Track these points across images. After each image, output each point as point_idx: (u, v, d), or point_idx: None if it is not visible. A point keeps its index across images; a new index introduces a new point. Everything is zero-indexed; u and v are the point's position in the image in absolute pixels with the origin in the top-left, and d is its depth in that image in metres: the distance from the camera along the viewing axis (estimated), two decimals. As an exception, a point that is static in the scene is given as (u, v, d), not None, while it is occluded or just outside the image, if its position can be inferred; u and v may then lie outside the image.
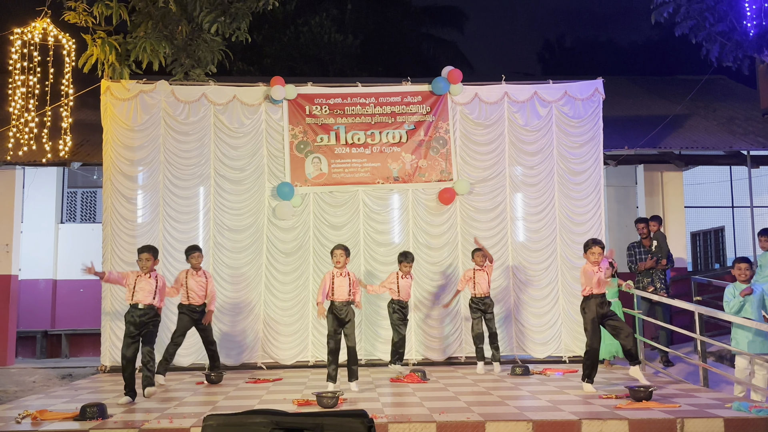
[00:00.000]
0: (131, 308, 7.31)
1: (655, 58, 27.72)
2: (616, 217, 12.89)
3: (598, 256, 7.39)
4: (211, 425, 3.05)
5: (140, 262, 7.44)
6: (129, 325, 7.27)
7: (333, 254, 8.02)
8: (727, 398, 6.83)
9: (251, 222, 10.19)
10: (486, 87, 10.56)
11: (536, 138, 10.47)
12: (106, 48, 9.77)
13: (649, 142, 11.62)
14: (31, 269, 12.67)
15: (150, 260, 7.44)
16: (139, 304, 7.27)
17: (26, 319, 12.64)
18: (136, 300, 7.28)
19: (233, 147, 10.26)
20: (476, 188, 10.37)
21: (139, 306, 7.27)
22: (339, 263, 7.91)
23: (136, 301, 7.28)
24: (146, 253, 7.46)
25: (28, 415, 6.26)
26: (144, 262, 7.42)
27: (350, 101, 10.44)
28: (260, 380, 8.61)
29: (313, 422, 2.95)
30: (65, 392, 8.10)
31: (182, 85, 10.31)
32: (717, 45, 10.24)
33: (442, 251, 10.30)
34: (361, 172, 10.31)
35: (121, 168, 10.05)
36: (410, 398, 7.09)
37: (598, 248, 7.41)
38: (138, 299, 7.28)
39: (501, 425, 5.79)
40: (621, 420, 5.82)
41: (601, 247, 7.43)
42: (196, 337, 9.87)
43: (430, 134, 10.39)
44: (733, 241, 14.02)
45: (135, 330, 7.24)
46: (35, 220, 12.88)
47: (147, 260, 7.42)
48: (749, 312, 7.22)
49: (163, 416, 6.21)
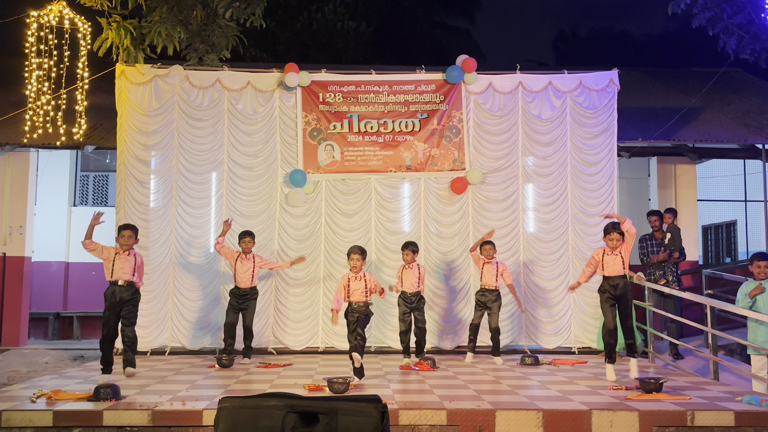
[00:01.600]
0: (111, 285, 7.41)
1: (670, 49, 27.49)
2: (628, 210, 12.82)
3: (616, 242, 7.42)
4: (227, 407, 3.06)
5: (122, 240, 7.50)
6: (109, 302, 7.38)
7: (350, 258, 7.85)
8: (737, 391, 6.83)
9: (263, 208, 10.22)
10: (500, 76, 10.52)
11: (550, 128, 10.43)
12: (121, 32, 9.74)
13: (662, 134, 11.55)
14: (43, 251, 12.77)
15: (132, 238, 7.53)
16: (119, 280, 7.35)
17: (39, 301, 12.76)
18: (116, 277, 7.37)
19: (246, 133, 10.27)
20: (488, 178, 10.36)
21: (119, 283, 7.35)
22: (356, 268, 7.76)
23: (116, 278, 7.37)
24: (128, 231, 7.53)
25: (42, 394, 6.35)
26: (126, 239, 7.49)
27: (364, 89, 10.43)
28: (270, 365, 8.66)
29: (327, 406, 2.96)
30: (78, 373, 8.19)
31: (196, 70, 10.30)
32: (734, 37, 10.12)
33: (453, 240, 10.30)
34: (374, 160, 10.31)
35: (135, 152, 10.10)
36: (420, 386, 7.13)
37: (617, 234, 7.42)
38: (117, 276, 7.37)
39: (511, 414, 5.81)
40: (631, 411, 5.83)
41: (620, 234, 7.43)
42: (206, 321, 9.97)
43: (443, 123, 10.37)
44: (745, 235, 13.95)
45: (117, 306, 7.33)
46: (48, 203, 12.97)
47: (129, 238, 7.50)
48: (763, 310, 7.16)
49: (176, 399, 6.26)
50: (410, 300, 8.71)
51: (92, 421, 5.74)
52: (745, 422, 5.78)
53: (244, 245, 9.07)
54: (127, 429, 5.73)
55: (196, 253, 10.12)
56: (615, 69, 10.58)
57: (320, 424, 2.93)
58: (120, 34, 9.78)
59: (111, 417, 5.75)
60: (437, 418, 5.77)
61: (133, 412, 5.78)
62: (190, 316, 9.98)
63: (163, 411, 5.81)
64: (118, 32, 9.77)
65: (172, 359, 9.39)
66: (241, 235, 9.16)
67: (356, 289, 7.70)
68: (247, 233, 9.17)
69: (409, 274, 8.75)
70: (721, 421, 5.78)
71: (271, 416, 2.97)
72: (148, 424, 5.73)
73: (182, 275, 10.03)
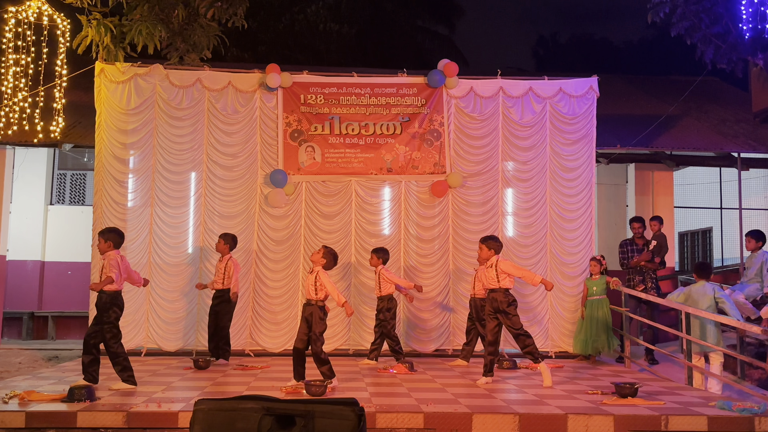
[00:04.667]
0: (119, 294, 7.09)
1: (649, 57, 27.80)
2: (606, 215, 12.96)
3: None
4: (203, 410, 3.05)
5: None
6: (119, 311, 7.09)
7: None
8: (711, 396, 6.91)
9: (243, 209, 10.17)
10: (481, 81, 10.57)
11: (530, 134, 10.50)
12: (101, 29, 9.65)
13: (641, 141, 11.68)
14: (19, 250, 12.58)
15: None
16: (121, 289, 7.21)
17: (13, 300, 12.56)
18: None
19: (227, 133, 10.23)
20: (469, 182, 10.40)
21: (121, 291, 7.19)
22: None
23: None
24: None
25: (15, 395, 6.26)
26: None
27: (345, 91, 10.42)
28: (248, 367, 8.62)
29: (304, 409, 2.96)
30: (52, 374, 8.09)
31: (177, 70, 10.23)
32: (712, 47, 10.27)
33: (432, 244, 10.32)
34: (355, 163, 10.31)
35: (113, 151, 10.01)
36: (398, 389, 7.13)
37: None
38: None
39: (488, 418, 5.84)
40: (606, 416, 5.88)
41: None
42: (184, 323, 9.90)
43: (424, 126, 10.40)
44: (720, 242, 14.14)
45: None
46: (24, 201, 12.78)
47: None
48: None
49: (151, 401, 6.21)
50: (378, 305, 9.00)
51: (66, 422, 5.68)
52: (717, 427, 5.85)
53: None
54: (102, 430, 5.67)
55: (174, 253, 10.04)
56: (594, 76, 10.68)
57: (297, 426, 2.92)
58: (100, 32, 9.68)
59: (85, 418, 5.69)
60: (414, 421, 5.78)
61: (108, 414, 5.72)
62: (166, 317, 9.90)
63: (139, 412, 5.76)
64: (98, 30, 9.67)
65: (148, 360, 9.30)
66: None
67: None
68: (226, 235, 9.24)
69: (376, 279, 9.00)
70: (695, 426, 5.85)
71: (247, 419, 2.96)
72: (123, 425, 5.68)
73: (159, 276, 9.95)
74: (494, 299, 7.49)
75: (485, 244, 7.63)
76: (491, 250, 7.58)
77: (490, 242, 7.64)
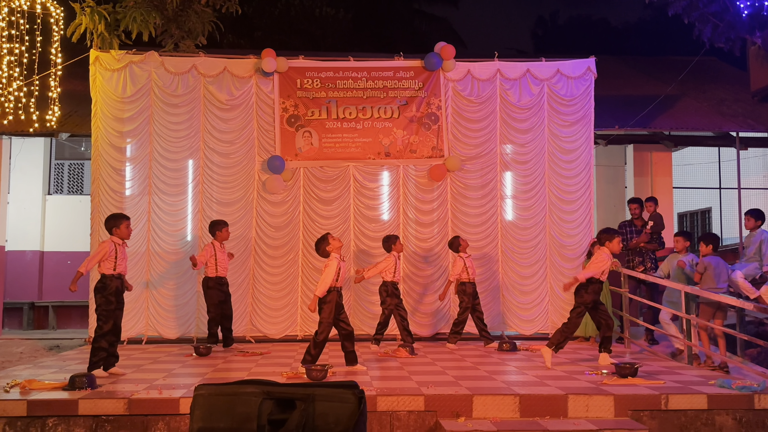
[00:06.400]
0: (115, 278, 7.06)
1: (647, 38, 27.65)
2: (605, 197, 12.95)
3: (618, 244, 7.67)
4: (203, 394, 3.05)
5: (124, 230, 7.18)
6: (112, 296, 7.04)
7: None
8: (710, 375, 6.93)
9: (240, 195, 10.15)
10: (479, 63, 10.52)
11: (528, 116, 10.46)
12: (95, 17, 9.62)
13: (639, 122, 11.64)
14: (17, 240, 12.57)
15: (130, 227, 7.31)
16: (124, 273, 7.18)
17: (13, 291, 12.57)
18: (120, 270, 7.12)
19: (223, 120, 10.18)
20: (467, 165, 10.37)
21: (122, 276, 7.16)
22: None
23: (120, 271, 7.12)
24: (128, 220, 7.30)
25: (16, 384, 6.27)
26: (126, 230, 7.21)
27: (342, 75, 10.37)
28: (249, 353, 8.63)
29: (304, 392, 2.96)
30: (53, 362, 8.10)
31: (172, 56, 10.19)
32: (709, 25, 10.22)
33: (432, 228, 10.32)
34: (352, 147, 10.28)
35: (109, 139, 9.97)
36: (398, 372, 7.14)
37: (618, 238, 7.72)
38: (122, 269, 7.14)
39: (488, 399, 5.85)
40: (607, 395, 5.89)
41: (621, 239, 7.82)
42: (184, 311, 9.91)
43: (421, 110, 10.36)
44: (719, 222, 14.13)
45: (116, 300, 7.11)
46: (22, 192, 12.76)
47: (128, 227, 7.25)
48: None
49: (152, 387, 6.22)
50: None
51: (67, 410, 5.69)
52: (717, 405, 5.88)
53: (225, 234, 9.09)
54: (103, 418, 5.69)
55: (172, 241, 10.03)
56: (592, 57, 10.62)
57: (297, 410, 2.92)
58: (94, 20, 9.65)
59: (86, 406, 5.70)
60: (415, 403, 5.80)
61: (109, 401, 5.74)
62: (166, 305, 9.91)
63: (140, 399, 5.77)
64: (92, 17, 9.64)
65: (149, 348, 9.33)
66: (222, 224, 9.13)
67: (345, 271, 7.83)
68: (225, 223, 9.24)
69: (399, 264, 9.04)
70: (695, 404, 5.88)
71: (247, 403, 2.96)
72: (124, 412, 5.70)
73: (158, 264, 9.95)
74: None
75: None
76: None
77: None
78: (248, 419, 2.90)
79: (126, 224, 7.26)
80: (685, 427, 5.85)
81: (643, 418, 5.82)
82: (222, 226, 9.12)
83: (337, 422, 2.88)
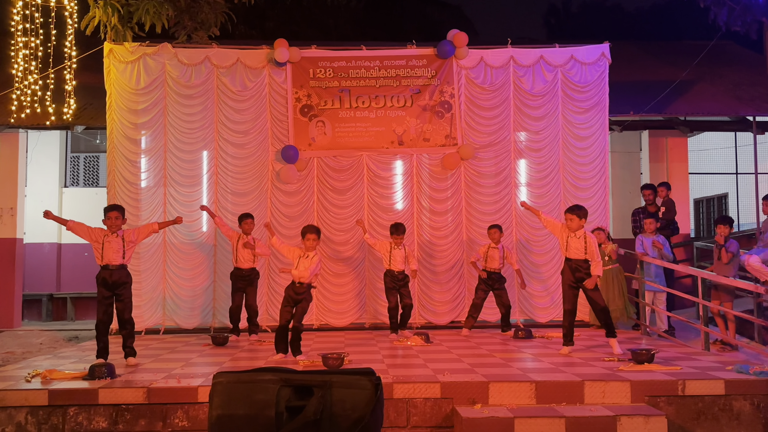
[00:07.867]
0: (102, 269, 7.13)
1: (661, 22, 27.37)
2: (620, 183, 12.87)
3: (571, 223, 7.49)
4: (222, 382, 3.07)
5: (108, 221, 7.20)
6: (101, 288, 7.10)
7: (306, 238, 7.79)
8: (727, 361, 6.90)
9: (255, 186, 10.19)
10: (492, 51, 10.46)
11: (542, 103, 10.41)
12: (108, 10, 9.68)
13: (654, 107, 11.54)
14: (35, 233, 12.71)
15: (119, 219, 7.27)
16: (110, 264, 7.16)
17: (32, 283, 12.73)
18: (107, 261, 7.13)
19: (237, 110, 10.21)
20: (481, 153, 10.34)
21: (110, 266, 7.16)
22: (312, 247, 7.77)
23: (107, 262, 7.13)
24: (114, 212, 7.28)
25: (37, 374, 6.36)
26: (113, 221, 7.21)
27: (355, 64, 10.36)
28: (265, 342, 8.68)
29: (322, 379, 2.97)
30: (73, 353, 8.21)
31: (185, 48, 10.22)
32: (725, 9, 10.10)
33: (446, 216, 10.31)
34: (366, 137, 10.28)
35: (124, 131, 10.03)
36: (414, 360, 7.17)
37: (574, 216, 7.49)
38: (108, 260, 7.13)
39: (504, 386, 5.87)
40: (623, 381, 5.89)
41: (578, 217, 7.51)
42: (201, 300, 9.99)
43: (434, 98, 10.33)
44: (736, 207, 14.02)
45: (108, 292, 7.13)
46: (39, 184, 12.89)
47: (116, 219, 7.23)
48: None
49: (171, 376, 6.29)
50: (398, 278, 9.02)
51: (88, 399, 5.77)
52: (734, 390, 5.85)
53: (246, 227, 9.07)
54: (123, 407, 5.76)
55: (188, 232, 10.10)
56: (606, 42, 10.53)
57: (314, 397, 2.94)
58: (107, 12, 9.70)
59: (106, 395, 5.77)
60: (431, 391, 5.82)
61: (129, 390, 5.80)
62: (183, 296, 9.99)
63: (159, 388, 5.84)
64: (105, 10, 9.69)
65: (167, 338, 9.41)
66: (243, 217, 9.15)
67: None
68: (249, 215, 9.19)
69: (397, 254, 8.99)
70: (712, 390, 5.86)
71: (265, 390, 2.98)
72: (143, 401, 5.76)
73: (174, 255, 10.02)
74: (578, 268, 7.44)
75: (576, 214, 7.50)
76: (582, 219, 7.51)
77: (581, 212, 7.56)
78: (267, 406, 2.93)
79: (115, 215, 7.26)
80: (702, 412, 5.84)
81: (659, 404, 5.81)
82: (242, 219, 9.14)
83: (354, 408, 2.90)
